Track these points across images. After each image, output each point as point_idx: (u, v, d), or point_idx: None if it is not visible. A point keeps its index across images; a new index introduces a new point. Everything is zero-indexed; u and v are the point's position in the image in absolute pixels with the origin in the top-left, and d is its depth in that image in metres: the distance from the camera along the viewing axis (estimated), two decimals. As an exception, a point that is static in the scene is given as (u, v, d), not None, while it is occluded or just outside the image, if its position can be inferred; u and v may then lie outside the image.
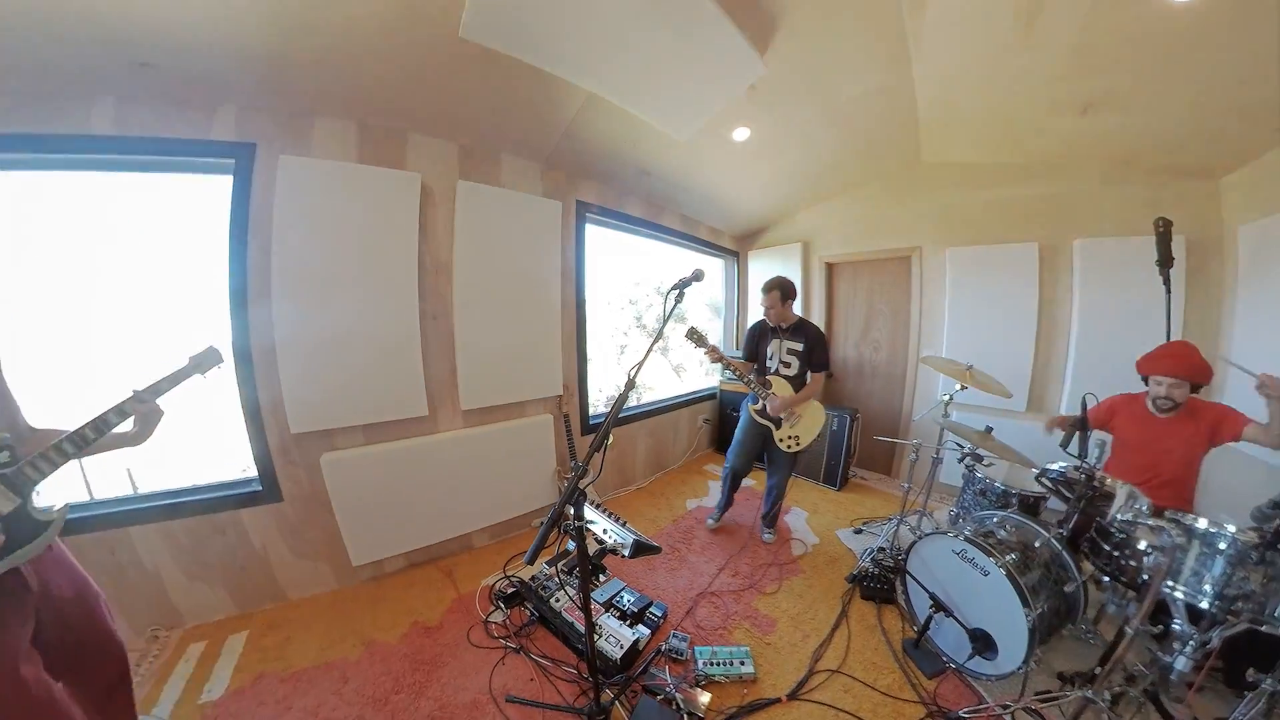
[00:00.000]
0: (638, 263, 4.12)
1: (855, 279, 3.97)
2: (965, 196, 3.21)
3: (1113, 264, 2.68)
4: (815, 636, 2.03)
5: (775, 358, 2.50)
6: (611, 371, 4.01)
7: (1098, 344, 2.75)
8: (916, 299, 3.53)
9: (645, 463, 3.65)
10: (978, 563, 1.78)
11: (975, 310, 3.19)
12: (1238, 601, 1.31)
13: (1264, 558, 1.29)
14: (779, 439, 2.51)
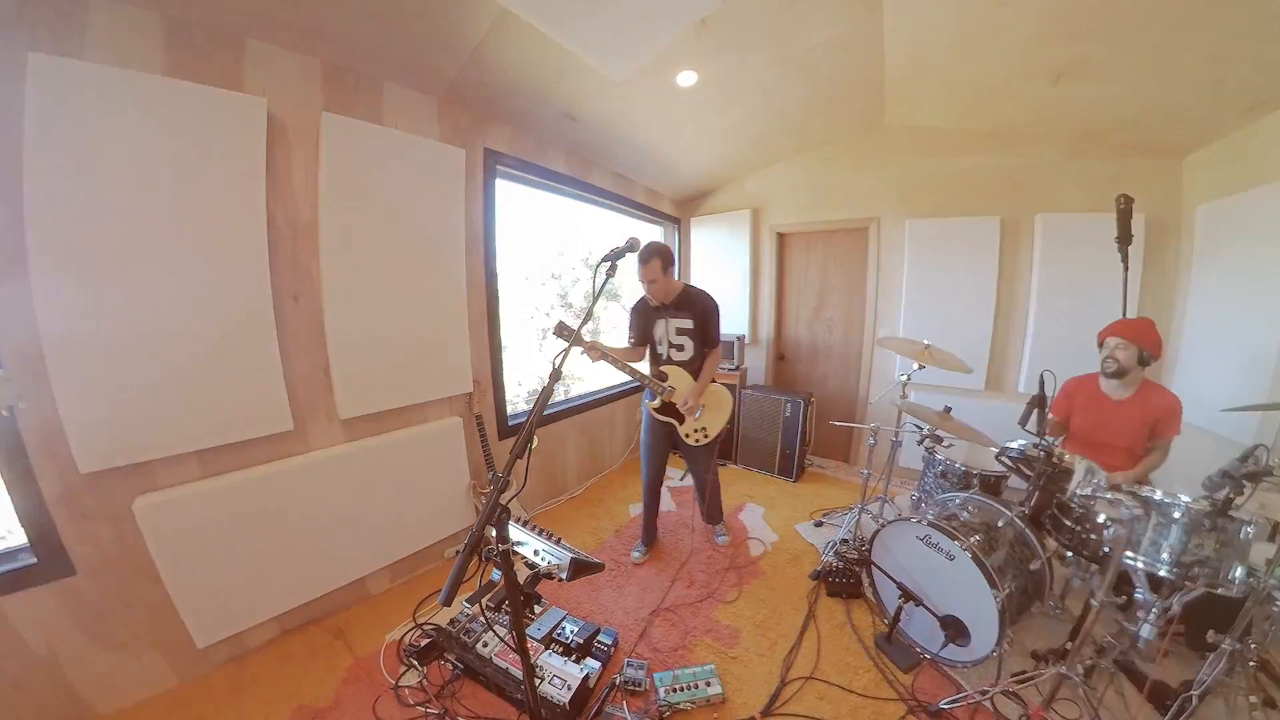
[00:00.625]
0: (562, 229, 3.95)
1: (808, 251, 4.05)
2: (928, 165, 3.35)
3: (1073, 240, 2.92)
4: (783, 643, 2.06)
5: (665, 341, 2.38)
6: (533, 361, 3.84)
7: (1056, 321, 3.02)
8: (873, 274, 3.67)
9: (578, 466, 3.52)
10: (942, 547, 1.87)
11: (934, 286, 3.38)
12: (1194, 567, 1.46)
13: (1215, 524, 1.44)
14: (684, 434, 2.44)
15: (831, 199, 3.74)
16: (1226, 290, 2.36)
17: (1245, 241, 2.22)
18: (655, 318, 2.38)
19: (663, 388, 2.35)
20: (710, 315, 2.35)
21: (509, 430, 2.88)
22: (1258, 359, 2.08)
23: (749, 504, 3.30)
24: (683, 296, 2.34)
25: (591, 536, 2.84)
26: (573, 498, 3.36)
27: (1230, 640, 1.40)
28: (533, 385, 3.71)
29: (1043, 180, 3.02)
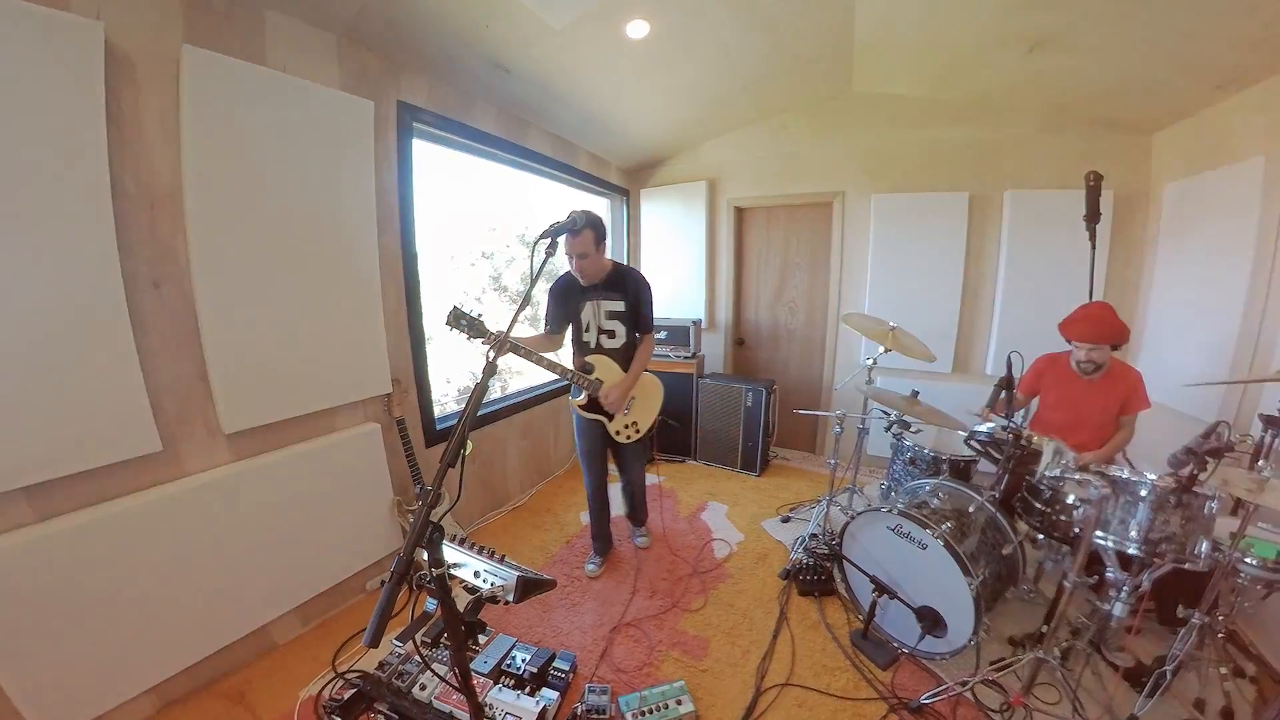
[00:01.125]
0: (493, 201, 3.75)
1: (769, 228, 4.10)
2: (896, 136, 3.45)
3: (1041, 217, 3.10)
4: (756, 649, 2.09)
5: (593, 326, 2.29)
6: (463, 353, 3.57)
7: (1023, 301, 3.22)
8: (837, 252, 3.76)
9: (520, 472, 3.41)
10: (914, 536, 1.95)
11: (900, 265, 3.51)
12: (1162, 544, 1.58)
13: (1180, 500, 1.57)
14: (614, 432, 2.40)
15: (794, 171, 3.79)
16: (1190, 269, 2.60)
17: (1210, 220, 2.45)
18: (582, 300, 2.29)
19: (590, 381, 2.27)
20: (645, 296, 2.30)
21: (438, 435, 2.71)
22: (1219, 337, 2.30)
23: (711, 502, 3.32)
24: (614, 275, 2.26)
25: (540, 550, 2.78)
26: (516, 508, 3.25)
27: (1199, 614, 1.54)
28: (464, 382, 3.54)
29: (1013, 155, 3.19)
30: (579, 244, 2.11)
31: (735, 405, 3.69)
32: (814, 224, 3.88)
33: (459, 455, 1.04)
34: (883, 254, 3.53)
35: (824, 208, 3.79)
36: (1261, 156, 2.12)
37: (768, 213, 4.05)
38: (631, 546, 2.79)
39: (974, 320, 3.40)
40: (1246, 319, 2.16)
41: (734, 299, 4.24)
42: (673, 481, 3.61)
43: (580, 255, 2.13)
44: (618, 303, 2.29)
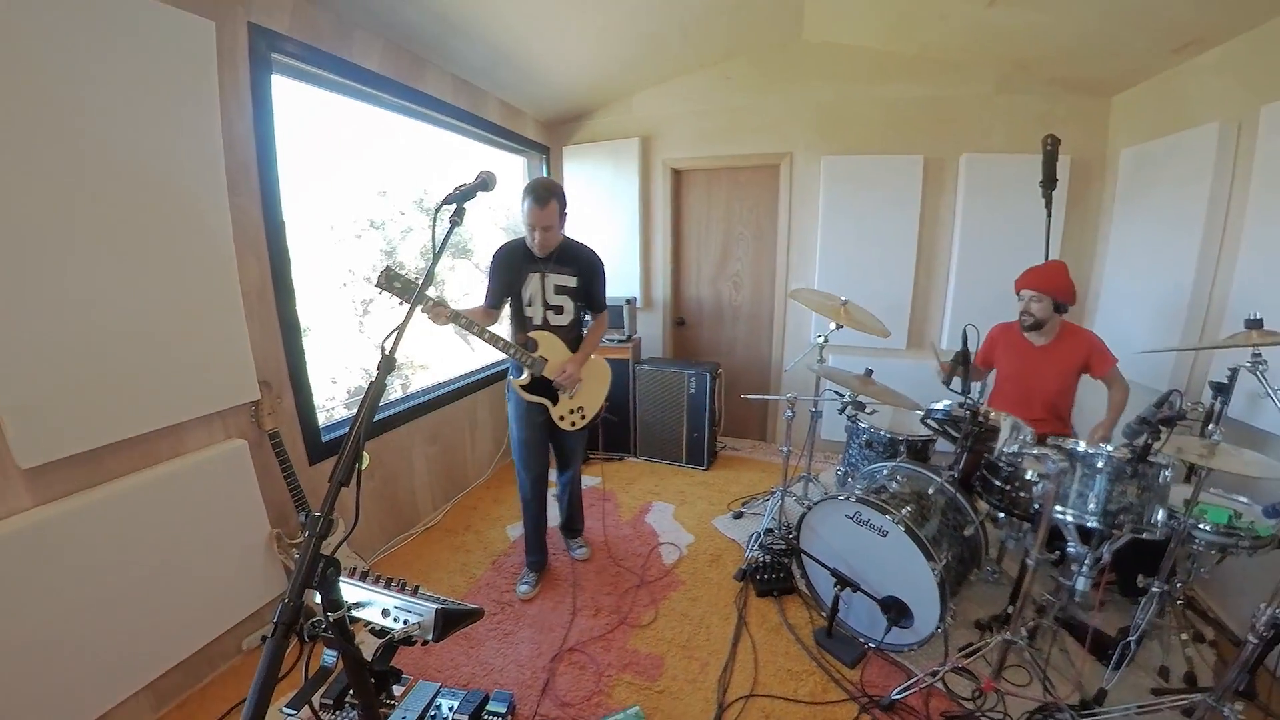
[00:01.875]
0: (383, 159, 3.51)
1: (710, 192, 4.10)
2: (848, 92, 3.55)
3: (997, 183, 3.29)
4: (715, 661, 2.12)
5: (538, 301, 2.33)
6: (352, 346, 3.49)
7: (978, 271, 3.41)
8: (785, 220, 3.83)
9: (431, 486, 3.23)
10: (874, 523, 2.04)
11: (852, 233, 3.63)
12: (1119, 515, 1.73)
13: (1137, 470, 1.72)
14: (558, 417, 2.44)
15: (737, 129, 3.80)
16: (1144, 237, 2.87)
17: (1164, 188, 2.70)
18: (528, 271, 2.32)
19: (532, 359, 2.30)
20: (598, 273, 2.41)
21: (325, 449, 2.50)
22: (1172, 305, 2.56)
23: (655, 502, 3.34)
24: (565, 250, 2.34)
25: (462, 575, 2.69)
26: (429, 528, 3.09)
27: (1159, 582, 1.72)
28: (355, 382, 3.36)
29: (970, 116, 3.38)
30: (544, 215, 2.17)
31: (677, 393, 3.70)
32: (759, 188, 3.92)
33: (353, 471, 1.01)
34: (834, 222, 3.63)
35: (770, 170, 3.83)
36: (1215, 123, 2.35)
37: (708, 175, 4.04)
38: (568, 561, 2.74)
39: (929, 293, 3.60)
40: (1197, 287, 2.42)
41: (672, 274, 4.22)
42: (612, 482, 3.58)
43: (545, 228, 2.19)
44: (569, 278, 2.34)
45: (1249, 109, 2.17)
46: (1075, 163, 3.15)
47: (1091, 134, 3.20)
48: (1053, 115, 3.20)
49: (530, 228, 2.20)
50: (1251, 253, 2.16)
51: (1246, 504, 1.82)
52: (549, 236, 2.22)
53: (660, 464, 3.83)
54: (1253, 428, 2.03)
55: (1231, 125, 2.27)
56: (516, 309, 2.36)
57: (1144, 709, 1.63)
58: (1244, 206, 2.19)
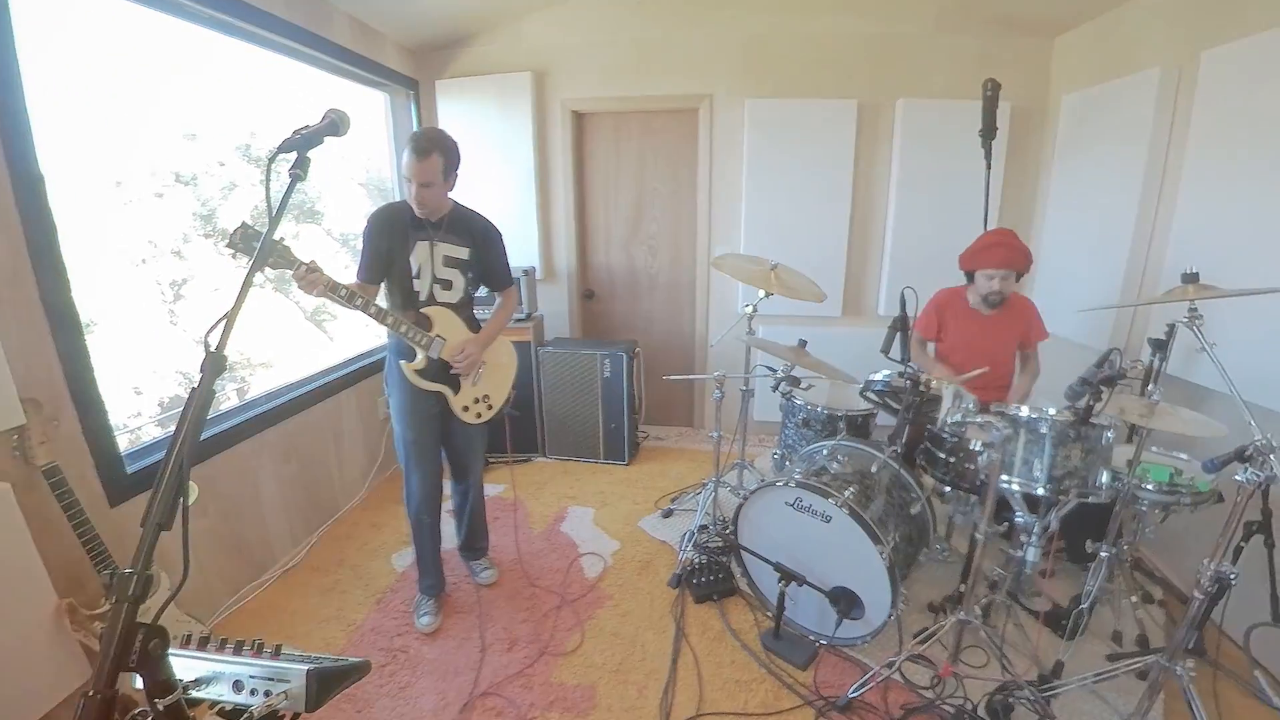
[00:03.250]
0: (191, 90, 3.17)
1: (619, 141, 4.05)
2: (776, 26, 3.58)
3: (936, 131, 3.46)
4: (654, 682, 2.14)
5: (426, 273, 2.31)
6: (161, 344, 3.19)
7: (916, 230, 3.61)
8: (706, 173, 3.86)
9: (289, 516, 3.01)
10: (816, 509, 2.14)
11: (781, 188, 3.71)
12: (1065, 480, 1.92)
13: (1080, 434, 1.91)
14: (460, 408, 2.42)
15: (649, 65, 3.76)
16: (1084, 189, 3.14)
17: (1104, 137, 2.96)
18: (413, 239, 2.27)
19: (429, 338, 2.26)
20: (495, 244, 2.44)
21: (132, 482, 2.25)
22: (1111, 261, 2.83)
23: (572, 508, 3.33)
24: (455, 216, 2.34)
25: (338, 623, 2.55)
26: (290, 570, 2.88)
27: (1106, 546, 1.93)
28: (170, 390, 3.03)
29: (907, 57, 3.53)
30: (424, 170, 2.13)
31: (589, 378, 3.67)
32: (676, 137, 3.93)
33: (176, 508, 0.93)
34: (760, 175, 3.71)
35: (688, 115, 3.84)
36: (1157, 68, 2.58)
37: (617, 121, 3.99)
38: (472, 588, 2.67)
39: (865, 253, 3.79)
40: (1136, 242, 2.69)
41: (578, 238, 4.15)
42: (519, 489, 3.52)
43: (424, 184, 2.16)
44: (460, 249, 2.33)
45: (1190, 54, 2.41)
46: (1016, 110, 3.40)
47: (1033, 78, 3.48)
48: (993, 57, 3.43)
49: (405, 181, 2.17)
50: (1189, 205, 2.43)
51: (1186, 460, 2.09)
52: (427, 195, 2.18)
53: (575, 462, 3.81)
54: (1190, 383, 2.32)
55: (1172, 71, 2.52)
56: (401, 283, 2.29)
57: (1101, 676, 1.83)
58: (1182, 157, 2.45)
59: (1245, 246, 2.15)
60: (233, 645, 1.10)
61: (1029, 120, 3.51)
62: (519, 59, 3.84)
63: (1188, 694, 1.63)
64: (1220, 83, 2.28)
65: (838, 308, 3.77)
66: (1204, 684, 1.90)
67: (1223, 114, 2.26)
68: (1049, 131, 3.46)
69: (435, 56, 3.94)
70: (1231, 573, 1.50)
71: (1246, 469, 1.44)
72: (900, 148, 3.55)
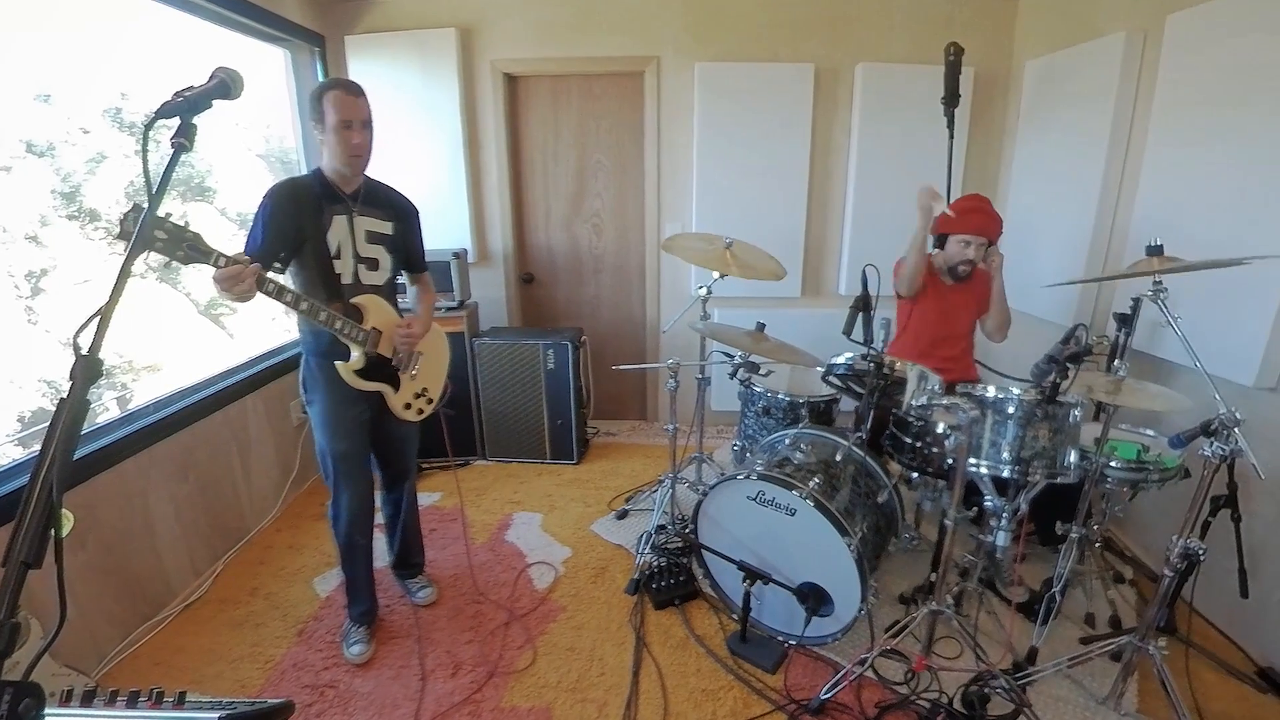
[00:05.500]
0: (44, 44, 2.95)
1: (558, 108, 4.03)
2: None
3: (897, 98, 3.58)
4: (615, 698, 2.15)
5: (347, 253, 2.23)
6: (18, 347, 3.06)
7: (877, 204, 3.72)
8: (653, 144, 3.87)
9: (188, 542, 2.91)
10: (779, 502, 2.18)
11: (734, 159, 3.76)
12: (1034, 461, 2.02)
13: (1047, 413, 2.00)
14: (402, 406, 2.38)
15: (589, 22, 3.74)
16: (1047, 160, 3.29)
17: (1068, 105, 3.09)
18: (328, 213, 2.16)
19: (364, 332, 2.18)
20: (416, 220, 2.44)
21: None
22: (1075, 234, 2.97)
23: (517, 514, 3.32)
24: (370, 188, 2.29)
25: (253, 660, 2.47)
26: (192, 604, 2.77)
27: (1076, 527, 2.04)
28: (34, 402, 2.88)
29: (867, 17, 3.61)
30: (363, 106, 2.10)
31: (532, 371, 3.65)
32: (620, 103, 3.93)
33: (46, 542, 0.88)
34: (712, 145, 3.75)
35: (633, 79, 3.84)
36: (1123, 33, 2.70)
37: (554, 85, 3.96)
38: (408, 609, 2.63)
39: (824, 229, 3.89)
40: (1101, 214, 2.84)
41: (514, 216, 4.11)
42: (456, 497, 3.47)
43: (364, 123, 2.11)
44: (384, 223, 2.29)
45: (1156, 17, 2.53)
46: (979, 75, 3.53)
47: (997, 43, 3.62)
48: (956, 20, 3.56)
49: (342, 126, 2.04)
50: (1154, 175, 2.58)
51: (1153, 436, 2.23)
52: (366, 140, 2.12)
53: (518, 464, 3.81)
54: (1156, 358, 2.47)
55: (1138, 35, 2.65)
56: (319, 266, 2.17)
57: (1075, 660, 1.95)
58: (1147, 125, 2.59)
59: (1208, 215, 2.30)
60: (125, 697, 1.05)
61: (993, 86, 3.66)
62: (441, 13, 3.74)
63: (1161, 673, 1.74)
64: (1186, 47, 2.41)
65: (797, 288, 3.87)
66: (1176, 662, 2.02)
67: (1188, 79, 2.40)
68: (1013, 98, 3.62)
69: (344, 9, 3.79)
70: (1200, 548, 1.62)
71: (1212, 443, 1.55)
72: (860, 115, 3.65)
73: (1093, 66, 2.87)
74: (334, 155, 2.12)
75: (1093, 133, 2.84)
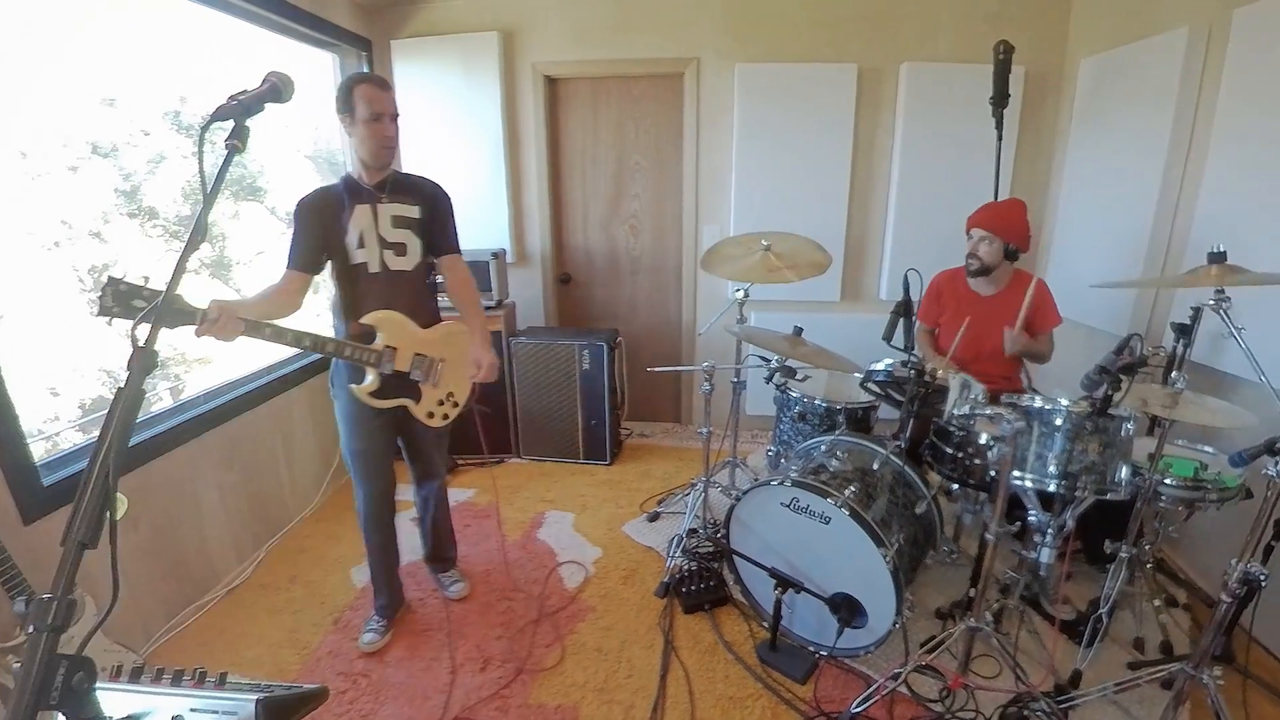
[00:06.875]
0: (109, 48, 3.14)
1: (597, 110, 4.04)
2: None
3: (943, 99, 3.49)
4: (643, 701, 2.14)
5: (371, 239, 2.23)
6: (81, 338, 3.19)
7: (920, 206, 3.63)
8: (692, 145, 3.85)
9: (233, 528, 3.00)
10: (814, 509, 2.14)
11: (773, 162, 3.73)
12: (1081, 476, 1.93)
13: (1097, 426, 1.92)
14: (425, 415, 2.34)
15: (629, 24, 3.74)
16: (1102, 162, 3.16)
17: (1126, 104, 2.97)
18: (353, 206, 2.19)
19: (376, 354, 2.16)
20: (446, 204, 2.38)
21: (49, 496, 2.23)
22: (1131, 239, 2.85)
23: (550, 512, 3.34)
24: (398, 179, 2.30)
25: (291, 646, 2.52)
26: (235, 589, 2.86)
27: (1126, 546, 1.95)
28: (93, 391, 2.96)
29: (912, 16, 3.53)
30: (391, 100, 2.13)
31: (567, 371, 3.67)
32: (659, 105, 3.92)
33: (102, 524, 0.91)
34: (751, 147, 3.72)
35: (672, 81, 3.83)
36: (1185, 27, 2.58)
37: (594, 87, 3.97)
38: (440, 602, 2.66)
39: (865, 233, 3.81)
40: (1159, 218, 2.71)
41: (552, 217, 4.13)
42: (491, 493, 3.51)
43: (394, 116, 2.14)
44: (411, 207, 2.27)
45: (1221, 11, 2.41)
46: (1030, 75, 3.42)
47: (1049, 40, 3.49)
48: (1006, 18, 3.43)
49: (373, 119, 2.07)
50: (1217, 178, 2.45)
51: (1212, 454, 2.11)
52: (394, 131, 2.15)
53: (552, 463, 3.82)
54: (1217, 371, 2.35)
55: (1201, 30, 2.52)
56: (341, 266, 2.20)
57: (1121, 686, 1.85)
58: (1211, 125, 2.47)
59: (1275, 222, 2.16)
60: (170, 675, 1.07)
61: (1044, 86, 3.53)
62: (484, 17, 3.79)
63: (1215, 703, 1.65)
64: (1253, 43, 2.28)
65: (836, 292, 3.81)
66: (1232, 693, 1.92)
67: (1255, 77, 2.27)
68: (1066, 98, 3.48)
69: (391, 13, 3.87)
70: (1261, 573, 1.52)
71: (1277, 462, 1.45)
72: (904, 116, 3.57)
73: (1153, 64, 2.74)
74: (364, 146, 2.15)
75: (1152, 134, 2.71)
